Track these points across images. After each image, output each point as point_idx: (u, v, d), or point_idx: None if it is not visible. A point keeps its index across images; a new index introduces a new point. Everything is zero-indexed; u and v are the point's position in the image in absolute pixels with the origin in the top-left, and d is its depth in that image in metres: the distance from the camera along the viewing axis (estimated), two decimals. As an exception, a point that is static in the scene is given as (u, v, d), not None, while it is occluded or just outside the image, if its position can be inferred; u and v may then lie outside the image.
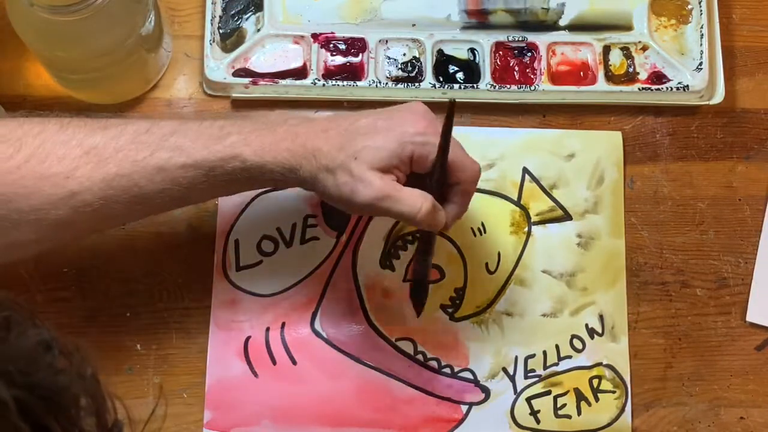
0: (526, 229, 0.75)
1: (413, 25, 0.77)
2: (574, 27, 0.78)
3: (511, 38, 0.78)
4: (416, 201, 0.59)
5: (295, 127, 0.61)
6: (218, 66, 0.76)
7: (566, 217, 0.75)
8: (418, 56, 0.77)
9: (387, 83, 0.76)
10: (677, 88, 0.77)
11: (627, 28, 0.78)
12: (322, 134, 0.60)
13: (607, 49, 0.78)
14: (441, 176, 0.61)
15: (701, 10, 0.78)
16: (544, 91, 0.76)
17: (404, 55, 0.77)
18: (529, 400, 0.72)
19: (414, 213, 0.59)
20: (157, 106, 0.76)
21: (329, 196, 0.60)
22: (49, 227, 0.58)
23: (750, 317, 0.75)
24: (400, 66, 0.77)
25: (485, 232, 0.75)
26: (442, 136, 0.59)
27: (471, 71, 0.77)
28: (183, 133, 0.59)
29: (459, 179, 0.62)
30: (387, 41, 0.77)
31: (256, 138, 0.60)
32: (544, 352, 0.73)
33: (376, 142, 0.59)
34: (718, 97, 0.77)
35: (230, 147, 0.59)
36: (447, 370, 0.72)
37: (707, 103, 0.77)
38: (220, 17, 0.77)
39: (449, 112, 0.59)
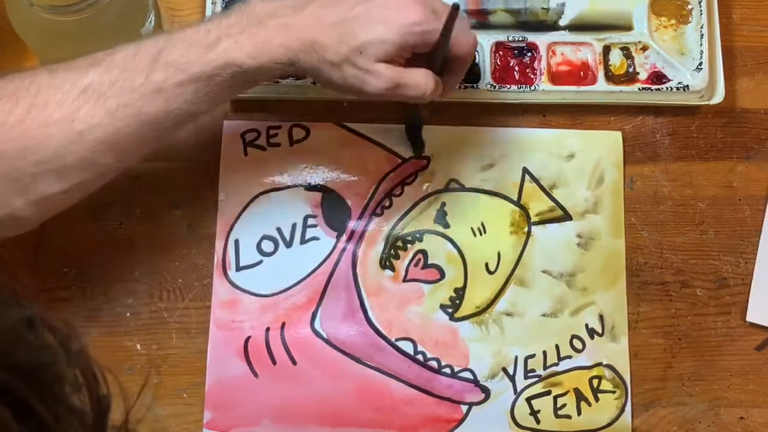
0: (526, 229, 0.75)
1: (413, 25, 0.77)
2: (574, 27, 0.78)
3: (511, 38, 0.77)
4: (422, 82, 0.62)
5: (286, 19, 0.60)
6: (218, 66, 0.75)
7: (566, 217, 0.75)
8: (418, 56, 0.77)
9: (387, 83, 0.76)
10: (677, 88, 0.77)
11: (627, 28, 0.78)
12: (316, 25, 0.60)
13: (607, 49, 0.78)
14: (442, 57, 0.63)
15: (701, 10, 0.78)
16: (544, 91, 0.76)
17: (404, 55, 0.77)
18: (529, 400, 0.72)
19: (422, 93, 0.62)
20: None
21: (336, 86, 0.62)
22: (70, 173, 0.58)
23: (750, 317, 0.75)
24: (400, 66, 0.77)
25: (485, 232, 0.75)
26: (444, 26, 0.60)
27: (471, 71, 0.77)
28: (171, 49, 0.59)
29: (457, 53, 0.64)
30: (387, 41, 0.77)
31: (247, 39, 0.59)
32: (544, 352, 0.73)
33: (378, 35, 0.60)
34: (718, 97, 0.77)
35: (223, 54, 0.59)
36: (447, 370, 0.72)
37: (707, 103, 0.77)
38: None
39: (452, 14, 0.60)
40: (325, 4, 0.61)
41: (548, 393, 0.73)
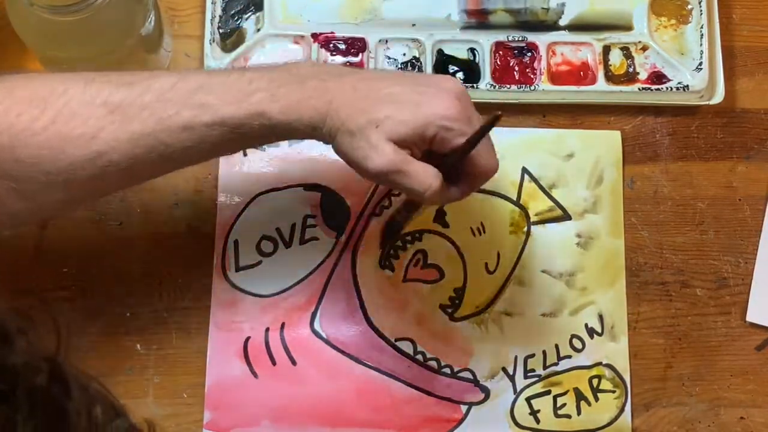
0: (525, 228, 0.75)
1: (413, 25, 0.77)
2: (574, 27, 0.78)
3: (511, 38, 0.77)
4: (427, 179, 0.58)
5: (325, 83, 0.59)
6: (218, 66, 0.76)
7: (565, 216, 0.75)
8: (418, 56, 0.77)
9: (387, 83, 0.76)
10: (677, 88, 0.77)
11: (627, 28, 0.78)
12: (350, 93, 0.58)
13: (607, 49, 0.78)
14: (458, 163, 0.59)
15: (701, 10, 0.78)
16: (544, 91, 0.76)
17: (404, 55, 0.77)
18: (528, 399, 0.72)
19: (423, 191, 0.58)
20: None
21: (343, 155, 0.59)
22: (77, 187, 0.57)
23: (750, 317, 0.75)
24: (400, 66, 0.77)
25: (485, 232, 0.75)
26: (472, 137, 0.57)
27: (471, 71, 0.77)
28: (209, 88, 0.58)
29: (474, 171, 0.60)
30: (387, 41, 0.77)
31: (284, 94, 0.58)
32: (544, 352, 0.73)
33: (400, 115, 0.57)
34: (718, 97, 0.77)
35: (257, 104, 0.57)
36: (447, 370, 0.72)
37: (707, 103, 0.77)
38: (220, 17, 0.77)
39: (491, 122, 0.56)
40: (366, 77, 0.60)
41: (548, 393, 0.73)
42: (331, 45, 0.77)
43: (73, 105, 0.56)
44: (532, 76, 0.77)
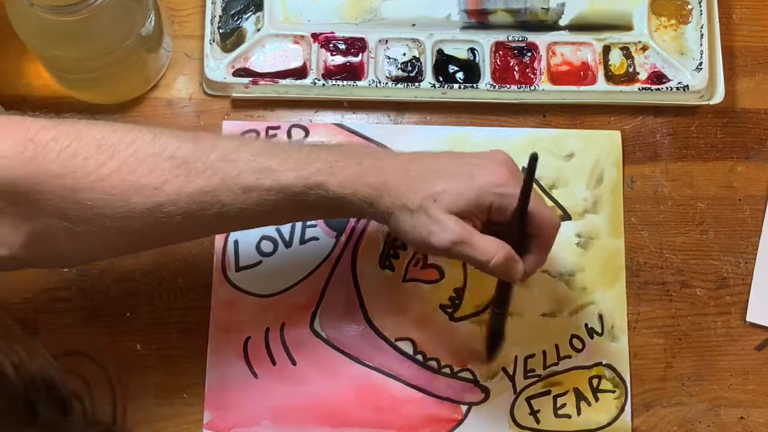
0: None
1: (413, 25, 0.77)
2: (574, 27, 0.78)
3: (511, 38, 0.78)
4: (490, 249, 0.59)
5: (380, 162, 0.61)
6: (218, 66, 0.76)
7: (565, 216, 0.75)
8: (418, 56, 0.77)
9: (387, 83, 0.76)
10: (677, 88, 0.77)
11: (627, 28, 0.78)
12: (403, 172, 0.60)
13: (607, 49, 0.78)
14: (520, 227, 0.60)
15: (701, 10, 0.78)
16: (544, 91, 0.76)
17: (404, 54, 0.77)
18: (528, 399, 0.72)
19: (487, 260, 0.59)
20: (157, 106, 0.77)
21: (404, 234, 0.60)
22: (130, 236, 0.58)
23: (750, 317, 0.75)
24: (400, 66, 0.77)
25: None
26: (523, 189, 0.59)
27: (471, 71, 0.77)
28: (271, 154, 0.59)
29: (537, 231, 0.61)
30: (387, 41, 0.77)
31: (341, 169, 0.59)
32: (544, 352, 0.73)
33: (456, 188, 0.59)
34: (718, 97, 0.77)
35: (316, 174, 0.59)
36: (447, 370, 0.72)
37: (707, 103, 0.77)
38: (220, 17, 0.77)
39: (531, 166, 0.58)
40: (417, 157, 0.62)
41: (548, 393, 0.73)
42: (331, 45, 0.77)
43: (140, 154, 0.57)
44: (532, 76, 0.77)
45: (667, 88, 0.77)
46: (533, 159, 0.57)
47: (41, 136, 0.55)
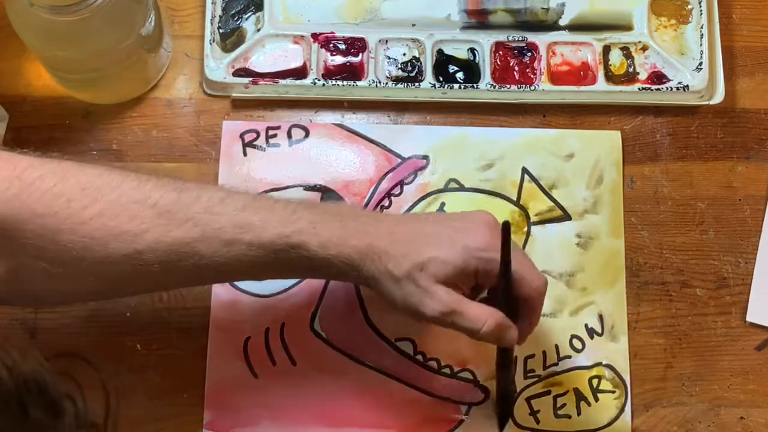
0: (525, 229, 0.75)
1: (413, 25, 0.77)
2: (574, 27, 0.78)
3: (511, 38, 0.78)
4: (481, 316, 0.60)
5: (365, 226, 0.61)
6: (218, 66, 0.76)
7: (565, 217, 0.75)
8: (418, 56, 0.77)
9: (387, 83, 0.76)
10: (677, 88, 0.77)
11: (627, 28, 0.78)
12: (387, 236, 0.60)
13: (607, 49, 0.78)
14: (505, 291, 0.61)
15: (701, 10, 0.78)
16: (544, 91, 0.76)
17: (404, 55, 0.77)
18: (528, 400, 0.72)
19: (478, 328, 0.60)
20: (157, 106, 0.77)
21: (392, 301, 0.61)
22: (107, 281, 0.58)
23: (750, 317, 0.75)
24: (400, 66, 0.77)
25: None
26: (501, 256, 0.59)
27: (471, 71, 0.77)
28: (255, 210, 0.59)
29: (525, 293, 0.62)
30: (387, 41, 0.77)
31: (325, 230, 0.60)
32: (544, 352, 0.73)
33: (441, 255, 0.59)
34: (718, 97, 0.77)
35: (298, 234, 0.59)
36: (447, 370, 0.72)
37: (707, 103, 0.77)
38: (220, 17, 0.77)
39: (504, 234, 0.58)
40: (402, 220, 0.63)
41: (548, 393, 0.73)
42: (331, 45, 0.77)
43: (123, 201, 0.57)
44: (532, 76, 0.77)
45: (667, 88, 0.77)
46: (506, 227, 0.58)
47: (28, 174, 0.55)
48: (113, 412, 0.40)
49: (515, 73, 0.77)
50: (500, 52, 0.77)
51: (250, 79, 0.76)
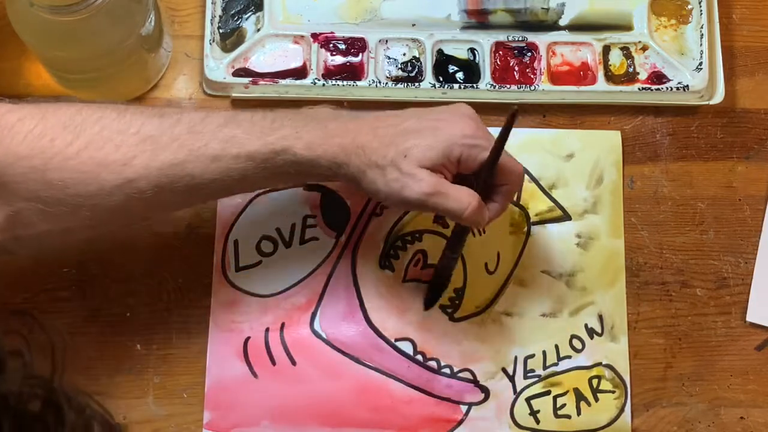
0: (525, 229, 0.75)
1: (413, 25, 0.77)
2: (574, 27, 0.78)
3: (511, 38, 0.77)
4: (464, 198, 0.60)
5: (346, 123, 0.62)
6: (218, 66, 0.76)
7: (565, 217, 0.75)
8: (418, 56, 0.77)
9: (387, 83, 0.76)
10: (677, 88, 0.77)
11: (627, 28, 0.78)
12: (371, 131, 0.61)
13: (607, 49, 0.78)
14: (489, 178, 0.62)
15: (701, 10, 0.78)
16: (544, 91, 0.76)
17: (404, 54, 0.77)
18: (528, 400, 0.72)
19: (462, 210, 0.60)
20: (157, 106, 0.76)
21: (377, 191, 0.61)
22: (103, 213, 0.59)
23: (750, 317, 0.75)
24: (400, 66, 0.77)
25: (484, 233, 0.75)
26: (497, 141, 0.60)
27: (471, 71, 0.77)
28: (236, 124, 0.60)
29: (505, 181, 0.63)
30: (387, 41, 0.77)
31: (307, 132, 0.61)
32: (544, 352, 0.73)
33: (425, 141, 0.60)
34: (718, 97, 0.77)
35: (282, 140, 0.60)
36: (446, 371, 0.72)
37: (707, 103, 0.77)
38: (220, 17, 0.77)
39: (510, 120, 0.59)
40: (381, 116, 0.63)
41: (548, 393, 0.73)
42: (331, 45, 0.77)
43: (106, 132, 0.58)
44: (532, 76, 0.77)
45: (667, 88, 0.77)
46: (513, 113, 0.58)
47: (7, 119, 0.56)
48: (60, 365, 0.40)
49: (515, 73, 0.77)
50: (500, 52, 0.77)
51: (250, 79, 0.76)
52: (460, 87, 0.76)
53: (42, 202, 0.57)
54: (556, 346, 0.73)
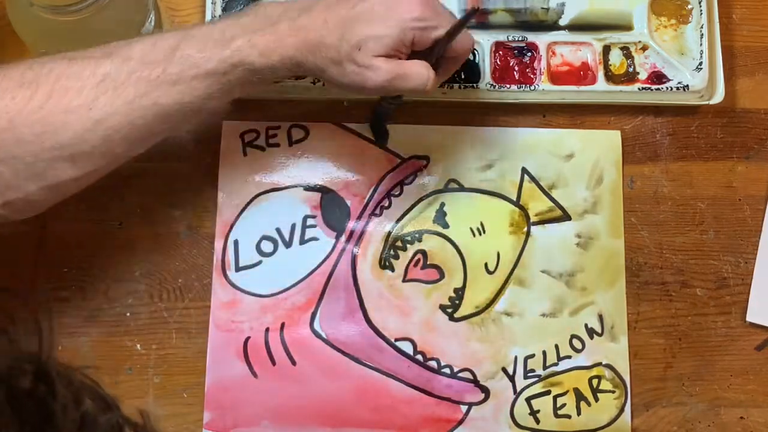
0: (525, 229, 0.75)
1: (413, 25, 0.77)
2: (574, 27, 0.78)
3: (510, 38, 0.77)
4: (422, 74, 0.63)
5: (296, 21, 0.62)
6: (218, 66, 0.75)
7: (565, 217, 0.75)
8: (417, 56, 0.77)
9: (387, 83, 0.76)
10: (677, 88, 0.77)
11: (627, 27, 0.78)
12: (323, 26, 0.62)
13: (607, 49, 0.78)
14: (441, 53, 0.64)
15: (701, 10, 0.78)
16: (544, 90, 0.76)
17: (404, 55, 0.77)
18: (528, 400, 0.72)
19: (423, 85, 0.63)
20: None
21: (339, 84, 0.63)
22: (83, 160, 0.59)
23: (750, 317, 0.75)
24: (399, 66, 0.77)
25: (484, 233, 0.75)
26: (455, 26, 0.62)
27: (471, 71, 0.77)
28: (187, 43, 0.61)
29: (455, 52, 0.65)
30: (387, 41, 0.77)
31: (260, 38, 0.61)
32: (544, 352, 0.73)
33: (377, 31, 0.61)
34: (718, 96, 0.77)
35: (237, 52, 0.61)
36: (446, 371, 0.72)
37: (707, 103, 0.77)
38: (220, 17, 0.77)
39: (468, 17, 0.62)
40: (330, 4, 0.63)
41: (548, 393, 0.73)
42: (331, 45, 0.77)
43: (63, 80, 0.58)
44: (532, 76, 0.77)
45: (667, 88, 0.77)
46: (473, 12, 0.63)
47: None
48: (47, 342, 0.40)
49: (515, 72, 0.77)
50: (500, 52, 0.77)
51: (250, 79, 0.76)
52: (460, 87, 0.76)
53: (20, 161, 0.57)
54: (556, 346, 0.73)
